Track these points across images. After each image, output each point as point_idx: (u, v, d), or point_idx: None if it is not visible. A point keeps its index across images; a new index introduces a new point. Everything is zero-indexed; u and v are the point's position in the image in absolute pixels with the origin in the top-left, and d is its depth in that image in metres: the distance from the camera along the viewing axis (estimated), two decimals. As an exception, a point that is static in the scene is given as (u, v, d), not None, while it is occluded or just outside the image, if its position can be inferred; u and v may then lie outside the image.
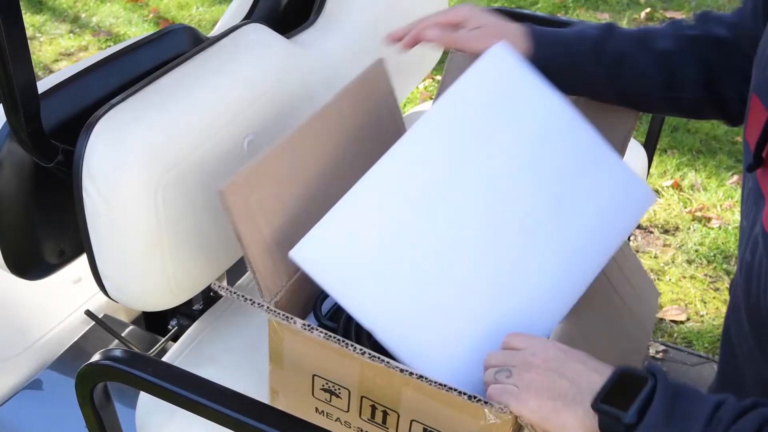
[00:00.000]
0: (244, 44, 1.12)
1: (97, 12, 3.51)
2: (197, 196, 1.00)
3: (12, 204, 0.98)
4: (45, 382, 1.33)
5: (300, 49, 1.23)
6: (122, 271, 0.98)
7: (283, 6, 1.39)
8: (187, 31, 1.19)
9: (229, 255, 1.10)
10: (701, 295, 2.00)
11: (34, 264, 1.06)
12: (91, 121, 0.93)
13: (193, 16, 3.50)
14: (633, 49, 0.95)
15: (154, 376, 0.81)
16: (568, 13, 3.42)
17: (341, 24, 1.34)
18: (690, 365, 1.82)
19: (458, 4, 1.16)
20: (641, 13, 3.37)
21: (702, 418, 0.63)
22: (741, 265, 0.80)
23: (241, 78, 1.07)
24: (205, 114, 1.01)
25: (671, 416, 0.64)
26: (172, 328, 1.40)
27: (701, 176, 2.45)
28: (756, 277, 0.76)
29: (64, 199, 0.98)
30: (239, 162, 1.05)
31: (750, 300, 0.78)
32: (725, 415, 0.63)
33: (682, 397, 0.66)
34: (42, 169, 0.98)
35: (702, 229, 2.25)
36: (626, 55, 0.94)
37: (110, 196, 0.92)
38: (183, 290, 1.04)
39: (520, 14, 2.08)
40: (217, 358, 1.08)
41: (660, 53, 0.94)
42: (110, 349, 0.87)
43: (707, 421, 0.63)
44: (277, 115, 1.12)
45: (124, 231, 0.95)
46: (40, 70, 3.09)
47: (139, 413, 1.04)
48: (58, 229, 1.06)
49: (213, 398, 0.78)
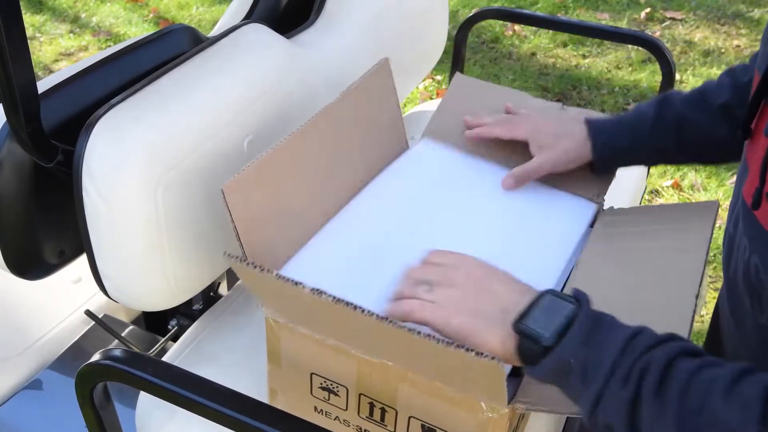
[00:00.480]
0: (244, 44, 1.12)
1: (97, 12, 3.51)
2: (197, 196, 1.00)
3: (12, 204, 0.98)
4: (45, 382, 1.33)
5: (300, 49, 1.23)
6: (122, 271, 0.98)
7: (283, 6, 1.39)
8: (187, 31, 1.19)
9: (229, 255, 1.10)
10: (701, 295, 2.00)
11: (34, 264, 1.06)
12: (91, 121, 0.93)
13: (193, 16, 3.50)
14: (690, 112, 0.94)
15: (154, 376, 0.81)
16: (568, 13, 3.42)
17: (341, 24, 1.34)
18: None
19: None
20: (641, 13, 3.37)
21: (617, 344, 0.63)
22: (725, 238, 0.81)
23: (241, 78, 1.07)
24: (205, 114, 1.01)
25: (588, 341, 0.64)
26: (172, 328, 1.40)
27: (701, 176, 2.45)
28: (735, 249, 0.77)
29: (64, 199, 0.98)
30: (239, 162, 1.05)
31: (729, 273, 0.79)
32: (640, 342, 0.63)
33: (602, 324, 0.66)
34: (42, 169, 0.98)
35: (702, 229, 2.25)
36: (685, 119, 0.94)
37: (110, 196, 0.92)
38: (183, 290, 1.04)
39: (520, 14, 2.08)
40: (216, 358, 1.08)
41: (719, 108, 0.93)
42: (110, 349, 0.87)
43: (622, 347, 0.63)
44: (277, 115, 1.12)
45: (124, 231, 0.95)
46: (40, 70, 3.09)
47: (139, 413, 1.04)
48: (58, 229, 1.06)
49: (213, 398, 0.78)
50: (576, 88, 2.94)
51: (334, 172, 1.00)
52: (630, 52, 3.13)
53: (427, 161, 1.10)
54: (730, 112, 0.92)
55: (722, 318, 0.91)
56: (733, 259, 0.78)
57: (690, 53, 3.12)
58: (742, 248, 0.75)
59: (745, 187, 0.75)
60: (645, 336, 0.64)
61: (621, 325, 0.66)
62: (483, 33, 3.30)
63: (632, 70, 3.03)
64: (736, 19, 3.34)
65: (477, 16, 1.67)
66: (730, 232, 0.80)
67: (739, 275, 0.76)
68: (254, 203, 0.86)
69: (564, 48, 3.18)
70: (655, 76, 2.97)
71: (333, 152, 0.99)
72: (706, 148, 0.95)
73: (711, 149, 0.95)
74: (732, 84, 0.93)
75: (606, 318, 0.67)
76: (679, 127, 0.94)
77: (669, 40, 3.22)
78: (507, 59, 3.14)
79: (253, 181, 0.85)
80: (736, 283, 0.78)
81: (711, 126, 0.93)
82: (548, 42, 3.22)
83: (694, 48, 3.16)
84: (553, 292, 0.69)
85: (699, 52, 3.13)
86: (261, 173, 0.87)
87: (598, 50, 3.15)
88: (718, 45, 3.17)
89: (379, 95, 1.08)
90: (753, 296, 0.75)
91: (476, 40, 3.26)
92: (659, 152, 0.98)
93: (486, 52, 3.19)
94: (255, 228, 0.86)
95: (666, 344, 0.63)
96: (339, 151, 1.00)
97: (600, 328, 0.65)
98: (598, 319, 0.66)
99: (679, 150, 0.96)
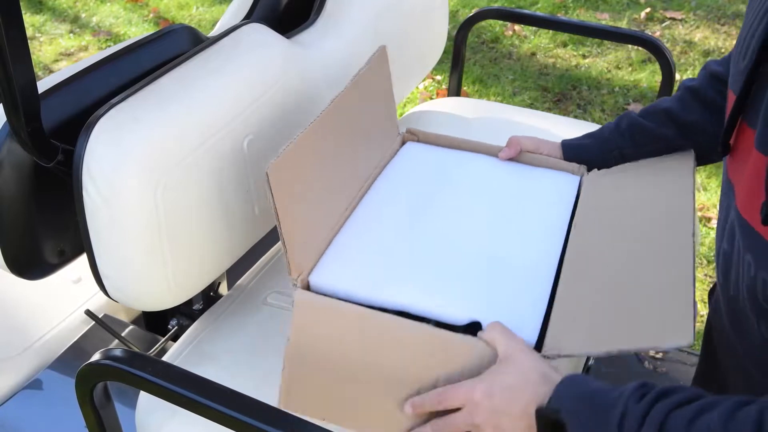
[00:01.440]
0: (244, 44, 1.12)
1: (97, 12, 3.51)
2: (197, 195, 1.00)
3: (12, 204, 0.98)
4: (45, 382, 1.33)
5: (300, 49, 1.23)
6: (122, 271, 0.98)
7: (283, 6, 1.39)
8: (187, 31, 1.19)
9: (229, 255, 1.10)
10: (701, 296, 1.99)
11: (34, 264, 1.06)
12: (91, 121, 0.93)
13: (193, 16, 3.50)
14: (644, 114, 1.08)
15: (154, 376, 0.81)
16: (568, 13, 3.43)
17: (341, 24, 1.34)
18: (690, 365, 1.82)
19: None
20: (641, 13, 3.37)
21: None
22: (718, 256, 0.81)
23: (242, 78, 1.07)
24: (205, 114, 1.01)
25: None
26: (172, 328, 1.40)
27: (701, 176, 2.45)
28: (734, 265, 0.77)
29: (64, 199, 0.98)
30: (239, 162, 1.06)
31: (729, 290, 0.79)
32: (630, 426, 0.65)
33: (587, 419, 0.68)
34: (42, 169, 0.98)
35: (702, 230, 2.25)
36: (637, 123, 1.07)
37: (110, 196, 0.92)
38: (183, 290, 1.04)
39: (520, 14, 2.08)
40: (217, 357, 1.08)
41: (665, 109, 1.05)
42: (110, 348, 0.87)
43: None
44: (277, 115, 1.12)
45: (124, 231, 0.95)
46: (40, 70, 3.09)
47: (139, 413, 1.04)
48: (58, 229, 1.06)
49: (213, 398, 0.78)
50: (576, 88, 2.94)
51: (348, 161, 1.04)
52: (630, 52, 3.13)
53: (417, 159, 1.16)
54: (675, 113, 1.04)
55: (718, 331, 0.90)
56: (732, 277, 0.78)
57: (690, 53, 3.13)
58: (745, 266, 0.74)
59: (739, 203, 0.75)
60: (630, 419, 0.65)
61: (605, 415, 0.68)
62: (483, 33, 3.30)
63: (632, 70, 3.03)
64: (736, 19, 3.34)
65: (477, 16, 1.67)
66: (724, 249, 0.79)
67: (742, 293, 0.76)
68: (292, 186, 0.89)
69: (564, 48, 3.18)
70: (655, 76, 2.97)
71: (345, 142, 1.03)
72: (663, 150, 1.07)
73: (661, 147, 1.07)
74: (678, 91, 1.06)
75: (592, 402, 0.69)
76: (632, 132, 1.07)
77: (669, 40, 3.22)
78: (507, 59, 3.14)
79: (291, 162, 0.88)
80: (737, 301, 0.77)
81: (659, 128, 1.05)
82: (548, 42, 3.22)
83: (694, 48, 3.16)
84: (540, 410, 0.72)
85: (699, 52, 3.13)
86: (298, 155, 0.90)
87: (598, 50, 3.16)
88: (718, 45, 3.17)
89: (378, 85, 1.12)
90: (760, 313, 0.74)
91: (476, 40, 3.26)
92: (621, 156, 1.09)
93: (486, 52, 3.19)
94: (291, 212, 0.88)
95: (650, 417, 0.64)
96: (349, 140, 1.04)
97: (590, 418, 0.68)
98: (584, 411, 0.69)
99: (638, 153, 1.08)
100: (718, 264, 0.82)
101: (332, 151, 0.99)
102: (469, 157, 1.17)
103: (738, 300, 0.77)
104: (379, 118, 1.14)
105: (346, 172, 1.04)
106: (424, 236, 0.99)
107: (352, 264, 0.94)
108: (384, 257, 0.96)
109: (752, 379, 0.81)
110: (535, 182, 1.11)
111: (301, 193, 0.91)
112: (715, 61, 1.02)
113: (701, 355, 1.02)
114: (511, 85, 2.97)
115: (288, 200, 0.87)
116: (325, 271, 0.93)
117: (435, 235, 0.99)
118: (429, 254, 0.96)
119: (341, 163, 1.02)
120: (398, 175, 1.13)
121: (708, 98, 1.00)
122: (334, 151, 1.00)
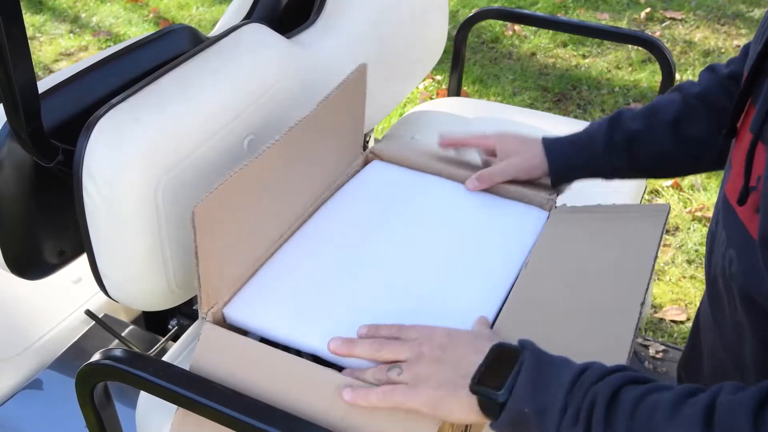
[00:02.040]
0: (244, 44, 1.12)
1: (97, 12, 3.51)
2: (197, 195, 1.00)
3: (12, 204, 0.98)
4: (45, 382, 1.33)
5: (300, 49, 1.23)
6: (122, 271, 0.99)
7: (283, 6, 1.39)
8: (187, 31, 1.19)
9: (229, 255, 1.10)
10: (701, 296, 2.00)
11: (34, 264, 1.06)
12: (91, 121, 0.93)
13: (193, 16, 3.50)
14: (639, 131, 0.97)
15: (155, 376, 0.81)
16: (568, 13, 3.43)
17: (341, 24, 1.34)
18: (690, 365, 1.82)
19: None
20: (641, 13, 3.38)
21: (564, 386, 0.65)
22: (708, 237, 0.83)
23: (242, 78, 1.07)
24: (205, 114, 1.01)
25: (536, 388, 0.66)
26: (172, 328, 1.41)
27: (701, 176, 2.45)
28: (717, 245, 0.78)
29: (64, 199, 0.98)
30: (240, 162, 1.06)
31: (711, 270, 0.80)
32: (586, 379, 0.65)
33: (547, 369, 0.67)
34: (42, 169, 0.98)
35: (702, 229, 2.25)
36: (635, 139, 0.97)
37: (110, 196, 0.92)
38: (183, 290, 1.04)
39: (520, 14, 2.08)
40: (217, 358, 1.08)
41: (667, 124, 0.96)
42: (110, 348, 0.87)
43: (569, 388, 0.65)
44: (277, 115, 1.12)
45: (124, 231, 0.95)
46: (40, 70, 3.09)
47: (139, 413, 1.04)
48: (58, 229, 1.06)
49: (213, 398, 0.78)
50: (576, 88, 2.94)
51: (293, 188, 1.00)
52: (630, 52, 3.13)
53: (378, 180, 1.11)
54: (679, 127, 0.95)
55: (703, 318, 0.91)
56: (714, 256, 0.79)
57: (690, 53, 3.13)
58: (722, 244, 0.76)
59: (728, 184, 0.76)
60: (591, 372, 0.66)
61: (567, 364, 0.68)
62: (483, 33, 3.30)
63: (632, 70, 3.03)
64: (736, 19, 3.34)
65: (477, 16, 1.67)
66: (712, 230, 0.81)
67: (719, 271, 0.77)
68: (220, 224, 0.85)
69: (564, 48, 3.18)
70: (655, 76, 2.97)
71: (296, 168, 0.99)
72: (657, 166, 0.99)
73: (662, 166, 0.99)
74: (682, 100, 0.96)
75: (551, 360, 0.69)
76: (629, 147, 0.97)
77: (669, 40, 3.22)
78: (507, 59, 3.14)
79: (220, 203, 0.85)
80: (716, 280, 0.79)
81: (659, 143, 0.96)
82: (548, 42, 3.22)
83: (694, 48, 3.16)
84: (500, 345, 0.71)
85: (699, 52, 3.13)
86: (230, 192, 0.86)
87: (598, 50, 3.16)
88: (718, 45, 3.17)
89: (350, 104, 1.09)
90: (729, 291, 0.75)
91: (476, 40, 3.26)
92: (613, 171, 1.01)
93: (486, 52, 3.19)
94: (213, 248, 0.85)
95: (611, 376, 0.65)
96: (303, 165, 1.00)
97: (546, 372, 0.67)
98: (544, 364, 0.68)
99: (630, 168, 0.99)
100: (707, 245, 0.83)
101: (279, 176, 0.95)
102: (433, 182, 1.10)
103: (716, 279, 0.79)
104: (342, 139, 1.10)
105: (289, 200, 0.99)
106: (359, 271, 0.94)
107: (273, 298, 0.90)
108: (308, 293, 0.91)
109: (725, 366, 0.82)
110: (497, 218, 1.03)
111: (228, 228, 0.87)
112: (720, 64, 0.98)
113: (687, 341, 1.02)
114: (511, 85, 2.97)
115: (210, 239, 0.83)
116: (241, 304, 0.90)
117: (372, 271, 0.94)
118: (359, 293, 0.90)
119: (286, 190, 0.98)
120: (350, 199, 1.07)
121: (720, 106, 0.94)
122: (282, 176, 0.95)
